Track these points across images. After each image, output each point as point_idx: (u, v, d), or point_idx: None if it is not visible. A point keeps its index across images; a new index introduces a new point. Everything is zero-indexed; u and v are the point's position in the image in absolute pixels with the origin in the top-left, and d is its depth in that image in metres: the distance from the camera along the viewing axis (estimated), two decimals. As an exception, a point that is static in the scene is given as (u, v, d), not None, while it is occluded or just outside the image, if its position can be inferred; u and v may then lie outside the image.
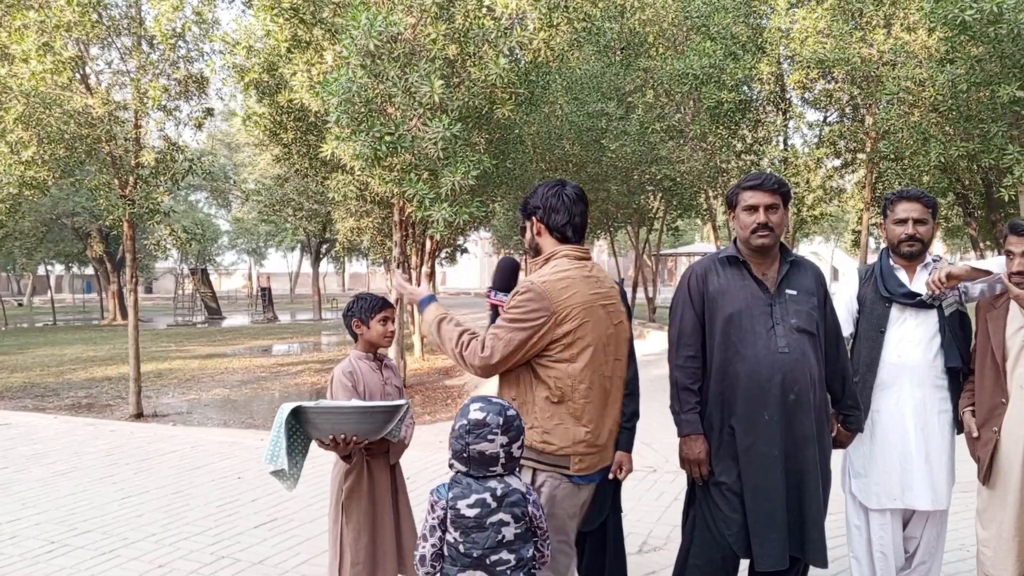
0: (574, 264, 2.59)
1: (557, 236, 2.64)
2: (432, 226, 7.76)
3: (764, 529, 2.74)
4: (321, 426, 2.74)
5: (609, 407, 2.63)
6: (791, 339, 2.76)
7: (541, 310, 2.47)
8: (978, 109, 9.37)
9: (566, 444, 2.52)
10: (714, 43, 12.35)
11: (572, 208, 2.63)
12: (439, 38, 7.59)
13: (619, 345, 2.67)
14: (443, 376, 14.24)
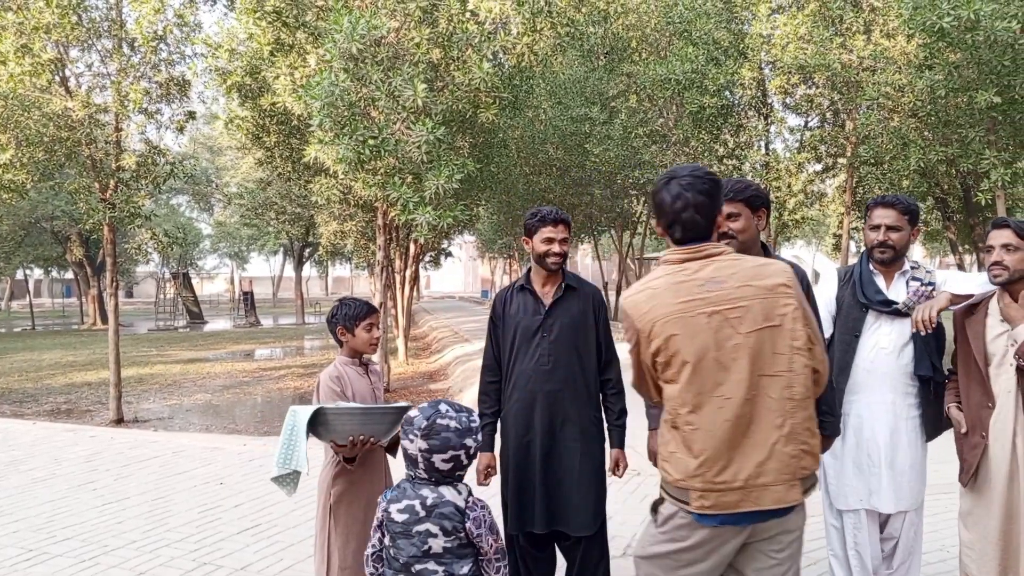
0: (669, 270, 2.24)
1: (672, 239, 2.27)
2: (416, 230, 7.77)
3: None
4: (341, 428, 2.79)
5: (754, 436, 2.11)
6: None
7: (631, 329, 2.25)
8: (956, 115, 9.50)
9: (680, 476, 2.16)
10: (696, 48, 12.43)
11: (674, 203, 2.21)
12: (422, 42, 7.60)
13: (768, 357, 2.13)
14: (427, 380, 14.20)
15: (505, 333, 3.34)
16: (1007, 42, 8.03)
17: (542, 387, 3.23)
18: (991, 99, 8.41)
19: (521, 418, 3.25)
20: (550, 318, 3.26)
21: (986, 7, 7.76)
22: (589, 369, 3.30)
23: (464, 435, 2.23)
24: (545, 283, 3.33)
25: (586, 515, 3.22)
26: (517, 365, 3.29)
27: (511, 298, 3.37)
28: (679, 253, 2.24)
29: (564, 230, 3.25)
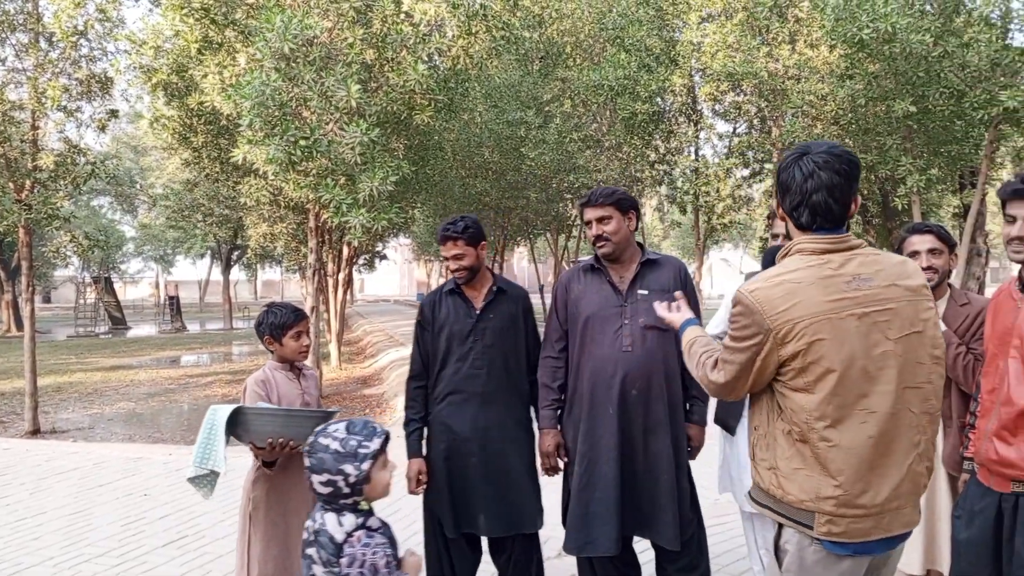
0: (809, 261, 1.93)
1: (804, 224, 1.98)
2: (349, 232, 7.65)
3: (597, 517, 2.96)
4: (260, 429, 2.72)
5: (893, 455, 1.90)
6: (637, 337, 2.98)
7: (753, 326, 1.92)
8: (875, 123, 9.90)
9: (806, 497, 1.89)
10: (629, 55, 12.65)
11: (806, 183, 1.94)
12: (356, 42, 7.50)
13: (912, 367, 1.92)
14: (361, 385, 14.02)
15: (435, 337, 3.31)
16: (921, 54, 8.41)
17: (476, 390, 3.23)
18: (907, 108, 8.79)
19: (454, 421, 3.23)
20: (482, 322, 3.26)
21: (902, 20, 8.11)
22: (520, 371, 3.34)
23: (343, 460, 2.00)
24: (475, 287, 3.33)
25: (530, 514, 3.26)
26: (448, 369, 3.27)
27: (440, 302, 3.35)
28: (820, 242, 1.94)
29: (454, 246, 3.22)
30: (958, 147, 9.83)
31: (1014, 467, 2.32)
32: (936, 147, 9.90)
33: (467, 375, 3.23)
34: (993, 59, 8.23)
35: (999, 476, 2.38)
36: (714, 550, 4.23)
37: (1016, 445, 2.32)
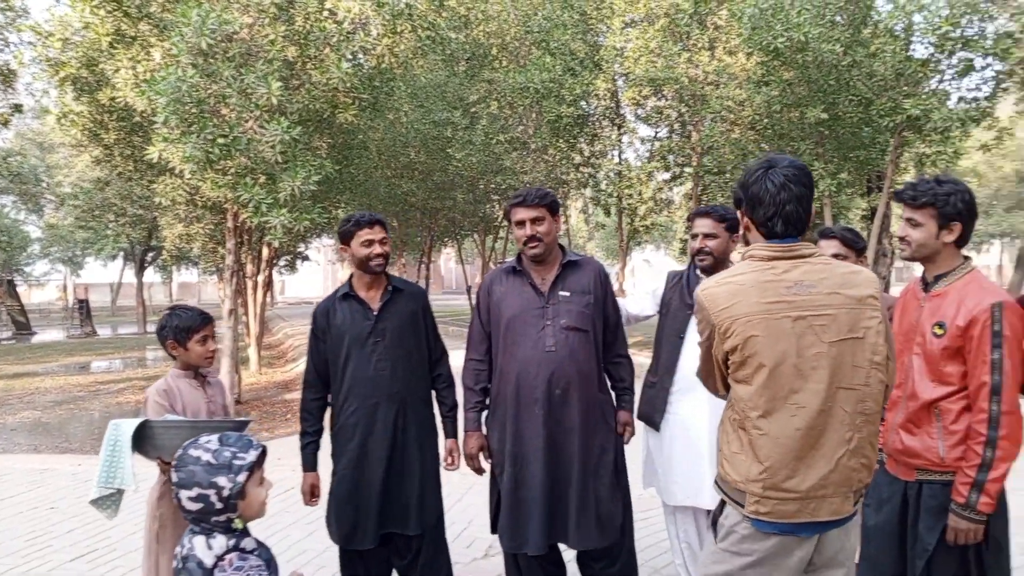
0: (755, 267, 2.12)
1: (764, 231, 2.15)
2: (269, 233, 7.45)
3: (524, 517, 3.01)
4: (168, 443, 2.57)
5: (822, 448, 2.05)
6: (559, 338, 3.02)
7: (703, 322, 2.16)
8: (789, 128, 10.27)
9: (740, 478, 2.10)
10: (554, 58, 12.76)
11: (779, 195, 2.08)
12: (278, 39, 7.32)
13: (847, 370, 2.06)
14: (282, 390, 13.70)
15: (333, 344, 3.25)
16: (832, 63, 8.78)
17: (383, 392, 3.19)
18: (819, 115, 9.16)
19: (363, 426, 3.19)
20: (381, 322, 3.23)
21: (814, 30, 8.44)
22: (423, 368, 3.34)
23: (216, 472, 1.84)
24: (370, 288, 3.29)
25: (430, 512, 3.27)
26: (352, 374, 3.21)
27: (334, 308, 3.29)
28: (768, 250, 2.12)
29: (381, 230, 3.23)
30: (866, 152, 10.29)
31: (918, 457, 2.46)
32: (846, 152, 10.34)
33: (370, 378, 3.19)
34: (897, 69, 8.66)
35: (904, 465, 2.52)
36: (639, 544, 4.31)
37: (920, 436, 2.45)
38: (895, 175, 10.10)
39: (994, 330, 2.30)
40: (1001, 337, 2.29)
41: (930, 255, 2.49)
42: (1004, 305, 2.32)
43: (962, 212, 2.42)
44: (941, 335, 2.41)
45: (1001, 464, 2.29)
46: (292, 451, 6.91)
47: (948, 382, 2.40)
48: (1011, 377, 2.30)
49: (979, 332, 2.32)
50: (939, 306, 2.44)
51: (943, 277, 2.48)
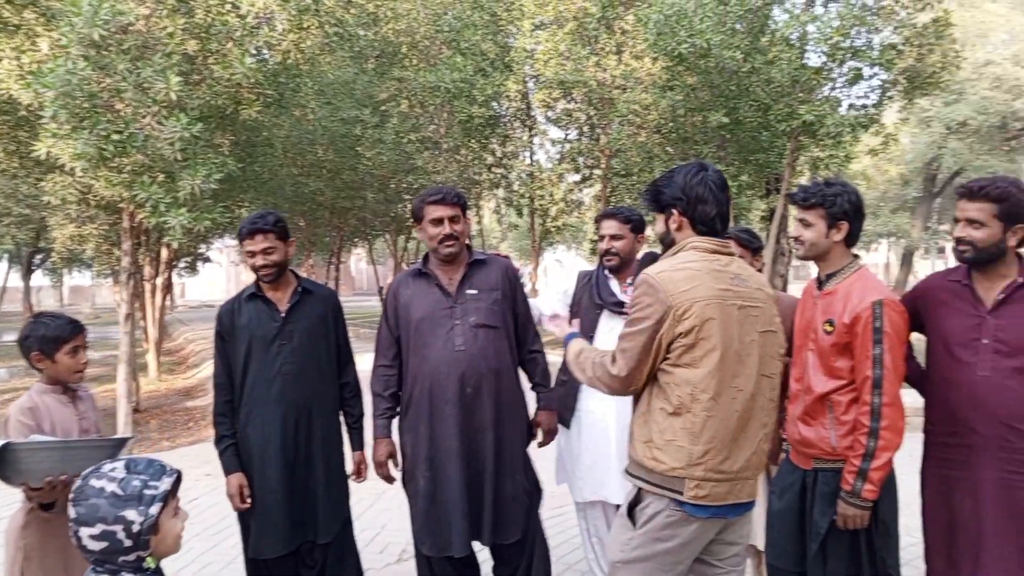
0: (701, 256, 2.26)
1: (702, 229, 2.30)
2: (168, 233, 7.14)
3: (445, 520, 2.99)
4: (35, 467, 2.31)
5: (749, 431, 2.23)
6: (468, 336, 3.01)
7: (656, 304, 2.17)
8: (693, 132, 10.60)
9: (678, 464, 2.17)
10: (465, 58, 12.75)
11: (719, 196, 2.30)
12: (176, 32, 7.02)
13: (767, 359, 2.27)
14: (184, 397, 13.18)
15: (237, 346, 3.15)
16: (732, 69, 9.10)
17: (288, 397, 3.11)
18: (720, 119, 9.48)
19: (266, 432, 3.10)
20: (289, 324, 3.14)
21: (715, 37, 8.73)
22: (331, 374, 3.27)
23: (124, 505, 1.60)
24: (277, 289, 3.19)
25: (336, 520, 3.21)
26: (254, 377, 3.12)
27: (239, 309, 3.18)
28: (710, 243, 2.28)
29: (263, 239, 3.07)
30: (765, 156, 10.73)
31: (813, 446, 2.59)
32: (746, 156, 10.75)
33: (275, 382, 3.10)
34: (793, 76, 9.05)
35: (803, 455, 2.66)
36: (552, 541, 4.35)
37: (815, 427, 2.58)
38: (792, 178, 10.57)
39: (875, 327, 2.43)
40: (882, 333, 2.42)
41: (821, 254, 2.62)
42: (885, 302, 2.44)
43: (848, 212, 2.55)
44: (831, 332, 2.53)
45: (883, 453, 2.42)
46: (197, 460, 6.68)
47: (839, 376, 2.53)
48: (892, 371, 2.43)
49: (862, 328, 2.45)
50: (830, 304, 2.57)
51: (834, 276, 2.61)
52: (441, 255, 3.08)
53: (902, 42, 9.65)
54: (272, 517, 3.09)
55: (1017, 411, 2.40)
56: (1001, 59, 19.75)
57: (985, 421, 2.45)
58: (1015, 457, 2.41)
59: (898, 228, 27.82)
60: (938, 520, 2.60)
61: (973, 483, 2.48)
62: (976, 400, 2.46)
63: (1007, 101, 18.57)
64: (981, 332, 2.47)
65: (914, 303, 2.70)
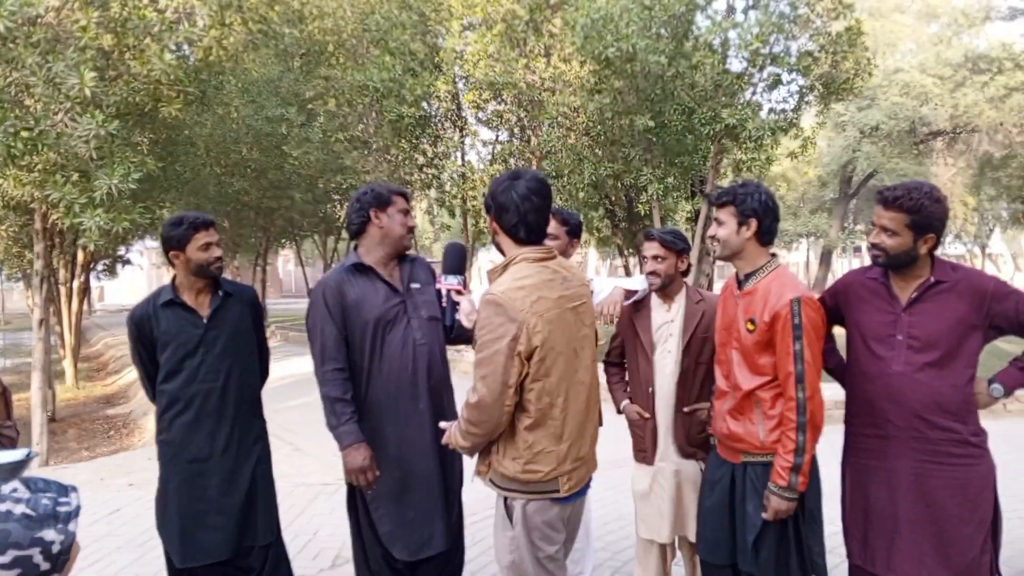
0: (533, 268, 2.34)
1: (517, 238, 2.40)
2: (84, 235, 6.86)
3: (426, 516, 2.94)
4: None
5: (589, 416, 2.46)
6: (425, 329, 2.99)
7: (508, 322, 2.24)
8: (620, 135, 10.78)
9: (550, 468, 2.33)
10: (393, 58, 12.64)
11: (522, 205, 2.35)
12: (90, 25, 6.74)
13: (593, 348, 2.49)
14: (104, 405, 12.67)
15: (160, 352, 3.06)
16: (658, 73, 9.30)
17: (213, 406, 3.04)
18: (647, 123, 9.67)
19: (194, 441, 3.02)
20: (212, 331, 3.06)
21: (641, 42, 8.90)
22: (255, 376, 3.22)
23: (40, 525, 1.47)
24: (199, 293, 3.10)
25: (270, 521, 3.17)
26: (177, 387, 3.03)
27: (156, 316, 3.06)
28: (537, 252, 2.39)
29: (215, 232, 3.08)
30: (689, 158, 10.99)
31: (742, 441, 2.68)
32: (672, 158, 11.00)
33: (198, 392, 3.02)
34: (716, 81, 9.31)
35: (731, 449, 2.74)
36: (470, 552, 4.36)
37: (743, 422, 2.67)
38: (716, 180, 10.87)
39: (795, 323, 2.52)
40: (801, 329, 2.51)
41: (736, 252, 2.70)
42: (802, 300, 2.53)
43: (757, 210, 2.63)
44: (752, 330, 2.63)
45: (811, 445, 2.53)
46: (119, 470, 6.43)
47: (763, 373, 2.63)
48: (812, 365, 2.53)
49: (782, 326, 2.54)
50: (750, 303, 2.66)
51: (752, 275, 2.70)
52: (401, 246, 3.02)
53: (818, 49, 10.03)
54: (202, 527, 3.01)
55: (929, 403, 2.53)
56: (909, 67, 20.72)
57: (900, 413, 2.57)
58: (927, 447, 2.54)
59: (817, 228, 28.86)
60: (856, 506, 2.72)
61: (889, 472, 2.60)
62: (891, 393, 2.58)
63: (915, 107, 19.48)
64: (896, 329, 2.59)
65: (835, 298, 2.81)
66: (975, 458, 2.53)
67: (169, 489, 3.06)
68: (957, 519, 2.51)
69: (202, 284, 3.11)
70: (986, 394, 2.58)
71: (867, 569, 2.66)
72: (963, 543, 2.50)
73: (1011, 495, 4.85)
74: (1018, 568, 3.66)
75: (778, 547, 2.62)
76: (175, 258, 3.05)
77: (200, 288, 3.11)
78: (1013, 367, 2.60)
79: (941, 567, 2.51)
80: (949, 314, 2.53)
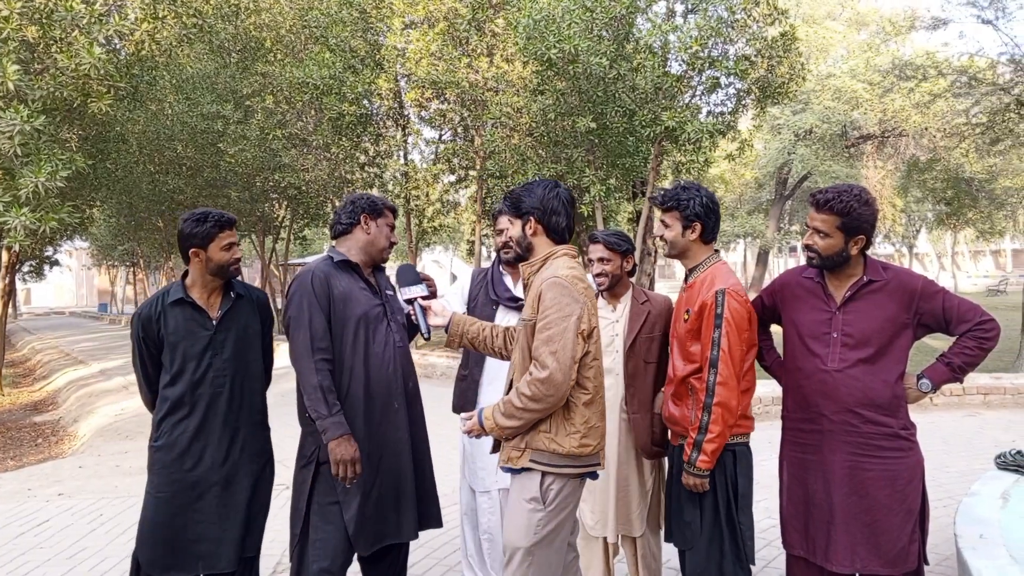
0: (574, 263, 2.61)
1: (554, 237, 2.66)
2: (9, 235, 6.58)
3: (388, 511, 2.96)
4: None
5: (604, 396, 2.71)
6: (402, 333, 3.09)
7: (574, 303, 2.48)
8: (563, 136, 10.85)
9: (598, 441, 2.56)
10: (334, 54, 12.48)
11: (569, 210, 2.67)
12: (13, 16, 6.47)
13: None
14: (31, 412, 12.18)
15: (165, 354, 2.95)
16: (599, 75, 9.38)
17: (218, 412, 2.94)
18: (588, 124, 9.75)
19: (194, 450, 2.92)
20: (220, 333, 2.97)
21: (583, 43, 8.97)
22: (261, 383, 3.14)
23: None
24: (211, 294, 3.01)
25: (252, 545, 3.08)
26: (181, 390, 2.92)
27: (164, 315, 2.95)
28: (572, 250, 2.67)
29: (235, 232, 3.06)
30: (631, 160, 11.13)
31: (678, 424, 2.85)
32: (613, 160, 11.12)
33: (204, 396, 2.92)
34: (656, 83, 9.45)
35: (674, 433, 2.93)
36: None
37: (680, 407, 2.85)
38: (656, 181, 11.03)
39: (717, 312, 2.66)
40: (722, 319, 2.65)
41: (681, 251, 2.87)
42: (727, 292, 2.67)
43: (700, 214, 2.79)
44: (687, 319, 2.80)
45: (715, 427, 2.63)
46: (47, 480, 6.19)
47: (693, 360, 2.78)
48: (727, 354, 2.63)
49: (707, 315, 2.70)
50: (690, 295, 2.83)
51: (694, 270, 2.86)
52: (381, 258, 3.12)
53: (754, 54, 10.27)
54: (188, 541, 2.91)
55: (861, 398, 2.63)
56: (840, 72, 21.41)
57: (833, 408, 2.66)
58: (859, 441, 2.63)
59: (754, 229, 29.61)
60: (794, 499, 2.80)
61: (824, 465, 2.69)
62: (826, 389, 2.67)
63: (846, 111, 20.12)
64: (831, 326, 2.69)
65: (772, 297, 2.93)
66: (904, 451, 2.63)
67: (160, 499, 2.92)
68: (887, 509, 2.60)
69: (216, 284, 3.01)
70: (915, 389, 2.69)
71: (808, 559, 2.74)
72: (893, 532, 2.60)
73: (937, 485, 5.07)
74: (943, 555, 3.81)
75: (712, 528, 2.73)
76: (194, 256, 2.95)
77: (213, 288, 3.01)
78: (940, 363, 2.70)
79: (873, 556, 2.60)
80: (880, 312, 2.63)
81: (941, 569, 3.73)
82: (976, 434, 6.82)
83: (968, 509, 3.51)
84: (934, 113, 16.86)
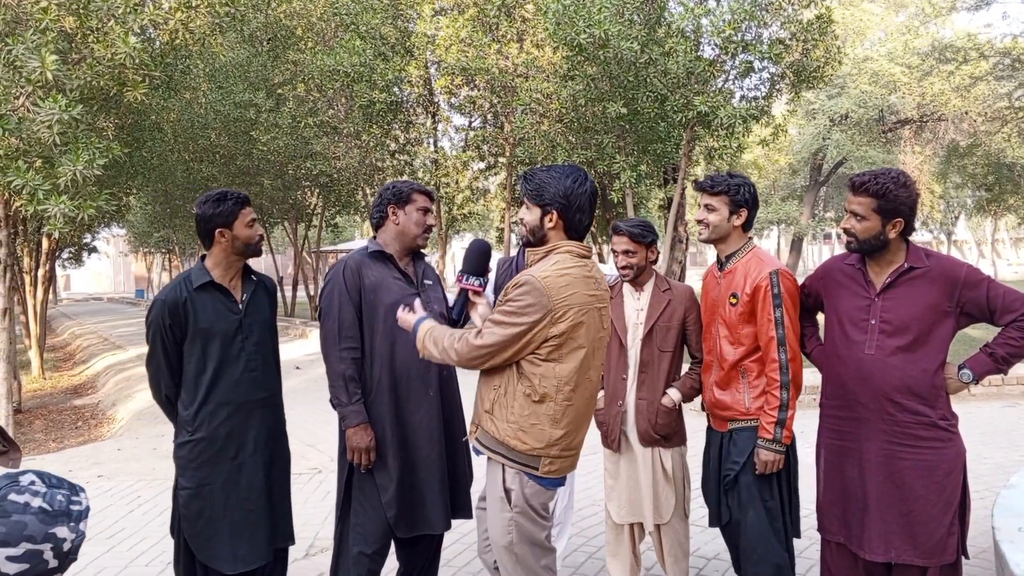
0: (576, 262, 2.45)
1: (572, 235, 2.51)
2: (49, 223, 6.71)
3: (427, 497, 2.99)
4: None
5: (591, 411, 2.59)
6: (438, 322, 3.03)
7: (537, 306, 2.34)
8: (593, 122, 10.76)
9: (538, 445, 2.42)
10: (364, 42, 12.50)
11: (594, 208, 2.53)
12: (51, 7, 6.57)
13: (605, 351, 2.63)
14: (72, 395, 12.47)
15: (193, 341, 2.90)
16: (630, 60, 9.28)
17: (254, 397, 2.97)
18: (619, 110, 9.66)
19: (237, 436, 2.93)
20: (248, 317, 2.99)
21: (613, 28, 8.87)
22: (278, 368, 3.17)
23: (55, 521, 1.43)
24: (234, 277, 3.01)
25: (290, 521, 3.16)
26: (220, 377, 2.91)
27: (192, 300, 2.91)
28: (580, 248, 2.49)
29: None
30: (662, 146, 11.00)
31: (729, 408, 2.91)
32: (644, 146, 11.00)
33: (243, 381, 2.94)
34: (688, 68, 9.32)
35: (719, 418, 2.98)
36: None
37: (730, 391, 2.91)
38: (688, 167, 10.90)
39: (774, 293, 2.77)
40: (780, 298, 2.77)
41: (722, 236, 2.93)
42: (780, 272, 2.79)
43: (748, 200, 2.88)
44: (735, 303, 2.85)
45: (792, 402, 2.76)
46: (87, 462, 6.34)
47: (744, 344, 2.85)
48: (791, 330, 2.78)
49: (763, 296, 2.78)
50: (731, 281, 2.88)
51: (732, 256, 2.92)
52: (417, 244, 3.11)
53: (789, 37, 10.08)
54: (253, 527, 2.94)
55: (898, 386, 2.58)
56: (877, 56, 20.96)
57: (870, 395, 2.63)
58: (895, 429, 2.59)
59: (787, 215, 29.17)
60: (832, 486, 2.78)
61: (860, 452, 2.67)
62: (863, 376, 2.64)
63: (883, 95, 19.72)
64: (870, 313, 2.65)
65: (815, 284, 2.92)
66: (943, 441, 2.58)
67: (208, 492, 2.90)
68: (924, 500, 2.56)
69: (238, 267, 3.02)
70: (956, 379, 2.63)
71: (846, 546, 2.73)
72: (930, 523, 2.56)
73: (975, 477, 4.98)
74: (981, 547, 3.75)
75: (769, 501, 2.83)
76: (220, 236, 2.92)
77: (236, 271, 3.01)
78: (982, 353, 2.65)
79: (908, 545, 2.57)
80: (921, 300, 2.58)
81: (978, 562, 3.66)
82: (1015, 425, 6.68)
83: (1006, 501, 3.44)
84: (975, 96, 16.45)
